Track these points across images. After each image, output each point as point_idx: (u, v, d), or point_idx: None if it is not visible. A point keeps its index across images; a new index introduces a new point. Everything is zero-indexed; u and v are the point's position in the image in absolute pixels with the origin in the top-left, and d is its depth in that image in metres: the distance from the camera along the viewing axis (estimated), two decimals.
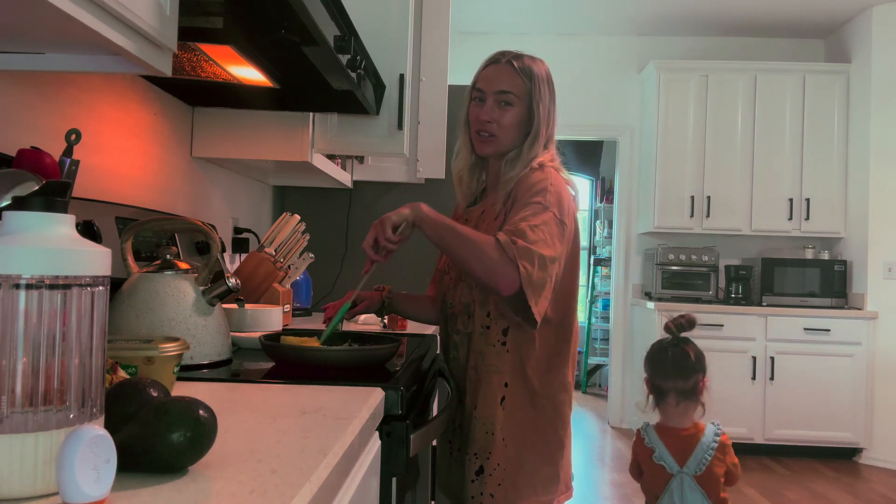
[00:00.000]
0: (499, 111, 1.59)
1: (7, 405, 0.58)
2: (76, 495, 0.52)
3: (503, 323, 1.56)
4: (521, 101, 1.59)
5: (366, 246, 1.48)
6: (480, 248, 1.41)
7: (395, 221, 1.46)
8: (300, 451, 0.78)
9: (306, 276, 2.68)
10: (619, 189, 5.85)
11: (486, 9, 5.27)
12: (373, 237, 1.47)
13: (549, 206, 1.48)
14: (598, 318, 7.72)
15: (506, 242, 1.41)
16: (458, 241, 1.44)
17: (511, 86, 1.58)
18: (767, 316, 4.94)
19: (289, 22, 1.37)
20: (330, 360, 1.33)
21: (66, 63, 1.09)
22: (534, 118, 1.60)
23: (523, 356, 1.55)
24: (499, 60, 1.62)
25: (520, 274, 1.40)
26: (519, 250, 1.40)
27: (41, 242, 0.61)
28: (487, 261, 1.40)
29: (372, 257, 1.50)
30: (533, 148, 1.60)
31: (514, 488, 1.55)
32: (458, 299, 1.63)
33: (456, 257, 1.45)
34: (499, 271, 1.40)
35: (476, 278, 1.45)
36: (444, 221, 1.47)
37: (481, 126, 1.60)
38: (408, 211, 1.47)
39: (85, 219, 1.46)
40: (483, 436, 1.57)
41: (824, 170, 5.22)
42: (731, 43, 5.68)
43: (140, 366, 0.92)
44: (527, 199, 1.50)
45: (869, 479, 4.55)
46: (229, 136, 2.27)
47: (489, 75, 1.61)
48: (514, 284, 1.41)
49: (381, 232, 1.46)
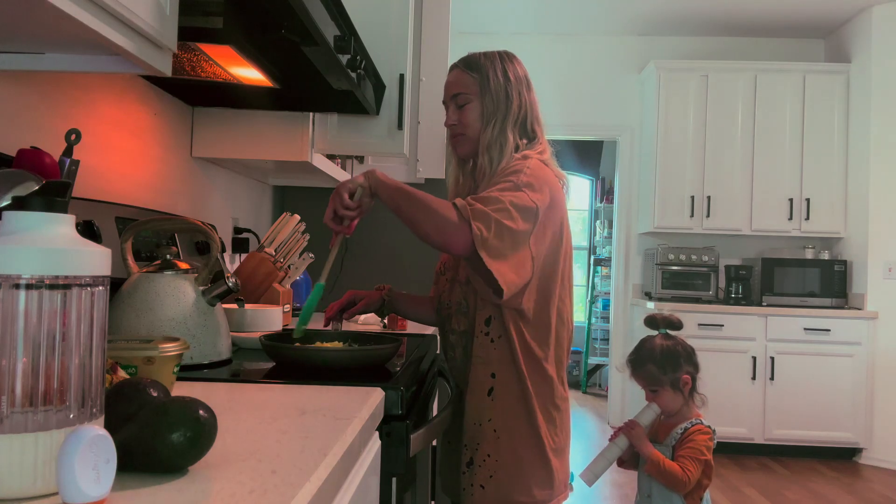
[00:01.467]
0: (458, 112, 1.64)
1: (7, 405, 0.58)
2: (76, 495, 0.52)
3: (486, 312, 1.56)
4: (476, 96, 1.63)
5: (326, 220, 1.50)
6: (434, 209, 1.42)
7: (350, 188, 1.48)
8: (300, 451, 0.78)
9: (306, 276, 2.68)
10: (619, 189, 5.85)
11: (486, 9, 5.27)
12: (331, 209, 1.49)
13: (521, 187, 1.48)
14: (598, 318, 7.72)
15: (462, 205, 1.42)
16: (410, 202, 1.44)
17: (461, 86, 1.63)
18: (767, 316, 4.94)
19: (289, 22, 1.37)
20: (330, 360, 1.33)
21: (66, 63, 1.09)
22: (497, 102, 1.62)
23: (510, 347, 1.55)
24: (452, 68, 1.68)
25: (472, 234, 1.40)
26: (474, 212, 1.41)
27: (41, 242, 0.61)
28: (440, 220, 1.41)
29: (333, 228, 1.51)
30: (503, 132, 1.61)
31: (507, 481, 1.54)
32: (454, 299, 1.64)
33: (409, 220, 1.46)
34: (450, 231, 1.40)
35: (427, 239, 1.45)
36: (399, 185, 1.48)
37: (450, 131, 1.67)
38: (362, 178, 1.49)
39: (85, 219, 1.46)
40: (472, 427, 1.57)
41: (824, 170, 5.22)
42: (731, 43, 5.68)
43: (140, 366, 0.92)
44: (498, 178, 1.52)
45: (869, 479, 4.55)
46: (229, 136, 2.27)
47: (446, 84, 1.68)
48: (467, 244, 1.41)
49: (339, 201, 1.48)
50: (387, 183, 1.48)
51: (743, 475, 4.51)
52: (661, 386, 2.22)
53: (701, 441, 2.14)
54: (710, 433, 2.17)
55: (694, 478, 2.11)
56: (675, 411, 2.23)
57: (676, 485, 2.12)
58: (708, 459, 2.14)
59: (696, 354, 2.27)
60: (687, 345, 2.27)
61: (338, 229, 1.51)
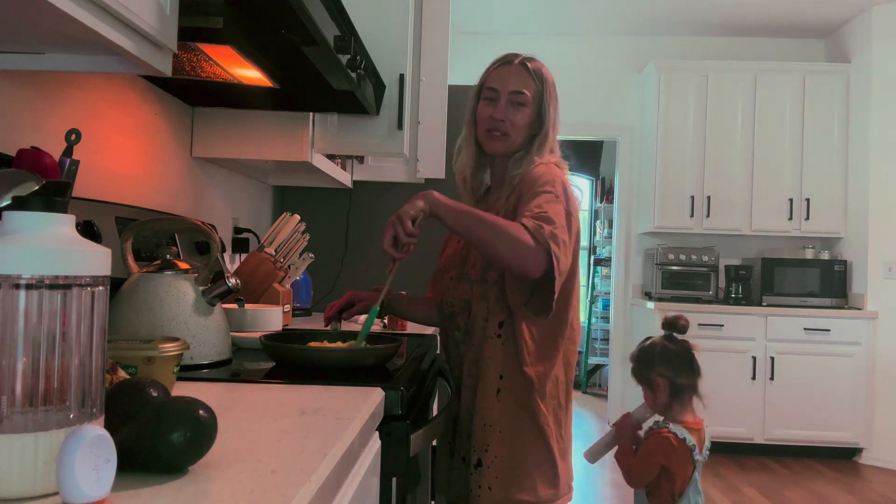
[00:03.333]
0: (512, 111, 1.61)
1: (7, 405, 0.58)
2: (76, 495, 0.52)
3: (500, 315, 1.56)
4: (532, 103, 1.62)
5: (386, 246, 1.46)
6: (507, 231, 1.41)
7: (412, 215, 1.44)
8: (300, 451, 0.78)
9: (306, 276, 2.68)
10: (619, 189, 5.85)
11: (486, 9, 5.27)
12: (391, 235, 1.45)
13: (560, 197, 1.50)
14: (598, 318, 7.72)
15: (535, 227, 1.42)
16: (481, 225, 1.43)
17: (525, 86, 1.62)
18: (767, 316, 4.94)
19: (289, 22, 1.37)
20: (330, 360, 1.33)
21: (66, 63, 1.09)
22: (544, 121, 1.63)
23: (518, 349, 1.55)
24: (511, 61, 1.65)
25: (551, 258, 1.41)
26: (549, 234, 1.42)
27: (41, 242, 0.61)
28: (516, 244, 1.40)
29: (394, 255, 1.47)
30: (541, 150, 1.63)
31: (513, 480, 1.55)
32: (458, 296, 1.64)
33: (480, 242, 1.44)
34: (528, 255, 1.40)
35: (502, 262, 1.45)
36: (462, 207, 1.46)
37: (494, 125, 1.62)
38: (422, 203, 1.45)
39: (85, 219, 1.46)
40: (481, 428, 1.57)
41: (824, 170, 5.22)
42: (731, 43, 5.68)
43: (140, 366, 0.92)
44: (536, 189, 1.51)
45: (869, 479, 4.55)
46: (229, 136, 2.27)
47: (502, 75, 1.64)
48: (543, 268, 1.42)
49: (401, 227, 1.44)
50: (449, 205, 1.45)
51: (743, 475, 4.51)
52: (640, 384, 2.28)
53: (653, 444, 2.13)
54: (671, 439, 2.11)
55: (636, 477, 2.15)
56: (655, 411, 2.24)
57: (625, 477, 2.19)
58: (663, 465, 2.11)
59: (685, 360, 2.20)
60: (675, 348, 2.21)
61: (397, 256, 1.48)
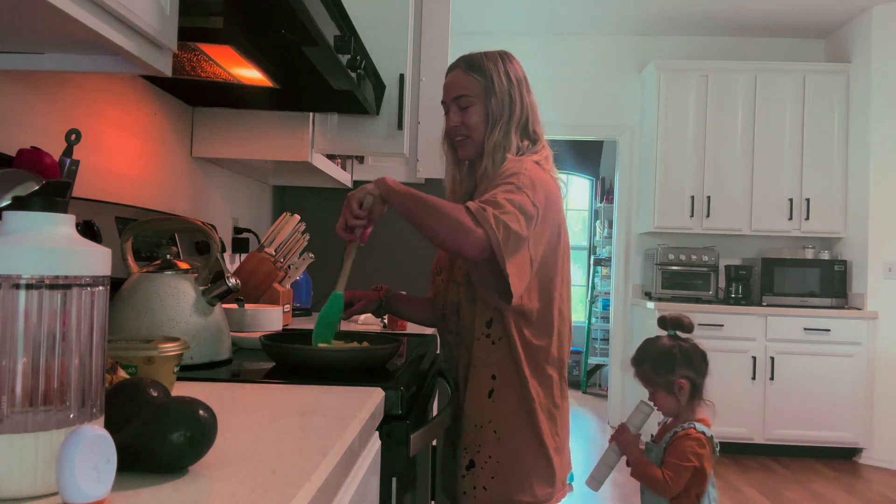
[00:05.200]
0: (461, 114, 1.63)
1: (7, 405, 0.58)
2: (76, 495, 0.52)
3: (486, 314, 1.56)
4: (479, 98, 1.62)
5: (338, 229, 1.49)
6: (447, 213, 1.40)
7: (359, 198, 1.48)
8: (300, 451, 0.78)
9: (306, 276, 2.68)
10: (619, 189, 5.85)
11: (485, 9, 5.27)
12: (343, 219, 1.49)
13: (523, 188, 1.47)
14: (598, 318, 7.72)
15: (476, 209, 1.40)
16: (422, 208, 1.43)
17: (464, 88, 1.62)
18: (767, 316, 4.94)
19: (289, 22, 1.37)
20: (330, 360, 1.33)
21: (66, 63, 1.09)
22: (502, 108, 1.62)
23: (511, 348, 1.55)
24: (452, 68, 1.67)
25: (490, 238, 1.39)
26: (491, 216, 1.40)
27: (41, 242, 0.61)
28: (453, 225, 1.39)
29: (344, 237, 1.50)
30: (507, 135, 1.60)
31: (509, 481, 1.55)
32: (449, 299, 1.64)
33: (421, 225, 1.44)
34: (465, 236, 1.38)
35: (441, 244, 1.44)
36: (409, 191, 1.47)
37: (454, 132, 1.65)
38: (372, 185, 1.48)
39: (85, 219, 1.46)
40: (472, 429, 1.57)
41: (824, 170, 5.22)
42: (731, 43, 5.68)
43: (140, 366, 0.92)
44: (497, 182, 1.50)
45: (869, 479, 4.55)
46: (229, 136, 2.27)
47: (446, 85, 1.67)
48: (483, 249, 1.39)
49: (349, 210, 1.47)
50: (397, 189, 1.47)
51: (743, 475, 4.51)
52: (656, 387, 2.19)
53: (687, 447, 2.09)
54: (702, 439, 2.10)
55: (675, 483, 2.07)
56: (673, 414, 2.19)
57: (659, 489, 2.11)
58: (696, 466, 2.08)
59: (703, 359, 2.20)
60: (690, 348, 2.20)
61: (348, 238, 1.50)
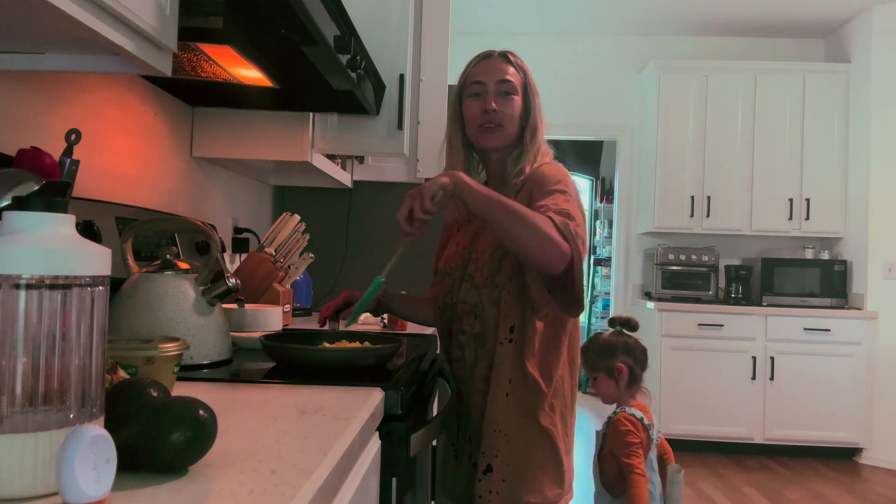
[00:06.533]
0: (502, 101, 1.60)
1: (7, 405, 0.58)
2: (76, 495, 0.52)
3: (512, 319, 1.55)
4: (520, 90, 1.62)
5: (400, 217, 1.40)
6: (534, 223, 1.37)
7: (433, 191, 1.38)
8: (300, 451, 0.78)
9: (306, 276, 2.68)
10: (619, 189, 5.85)
11: (485, 9, 5.27)
12: (407, 207, 1.39)
13: (573, 197, 1.50)
14: (598, 318, 7.72)
15: (561, 223, 1.40)
16: (507, 213, 1.37)
17: (510, 75, 1.61)
18: (767, 316, 4.94)
19: (289, 22, 1.37)
20: (330, 360, 1.33)
21: (66, 63, 1.09)
22: (531, 111, 1.62)
23: (525, 351, 1.54)
24: (491, 55, 1.65)
25: (573, 254, 1.39)
26: (574, 231, 1.41)
27: (41, 242, 0.61)
28: (544, 238, 1.36)
29: (406, 229, 1.41)
30: (534, 141, 1.61)
31: (520, 482, 1.54)
32: (463, 299, 1.61)
33: (504, 231, 1.39)
34: (555, 250, 1.37)
35: (527, 255, 1.40)
36: (490, 193, 1.40)
37: (487, 118, 1.59)
38: (447, 180, 1.39)
39: (85, 219, 1.46)
40: (491, 434, 1.55)
41: (824, 170, 5.22)
42: (731, 43, 5.68)
43: (140, 366, 0.92)
44: (548, 187, 1.50)
45: (869, 479, 4.55)
46: (229, 136, 2.27)
47: (486, 68, 1.62)
48: (564, 264, 1.39)
49: (419, 202, 1.37)
50: (476, 189, 1.39)
51: (743, 475, 4.50)
52: (598, 371, 2.42)
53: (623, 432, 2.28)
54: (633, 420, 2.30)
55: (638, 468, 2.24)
56: (613, 399, 2.41)
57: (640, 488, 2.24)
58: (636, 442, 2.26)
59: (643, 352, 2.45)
60: (633, 342, 2.45)
61: (410, 231, 1.41)
